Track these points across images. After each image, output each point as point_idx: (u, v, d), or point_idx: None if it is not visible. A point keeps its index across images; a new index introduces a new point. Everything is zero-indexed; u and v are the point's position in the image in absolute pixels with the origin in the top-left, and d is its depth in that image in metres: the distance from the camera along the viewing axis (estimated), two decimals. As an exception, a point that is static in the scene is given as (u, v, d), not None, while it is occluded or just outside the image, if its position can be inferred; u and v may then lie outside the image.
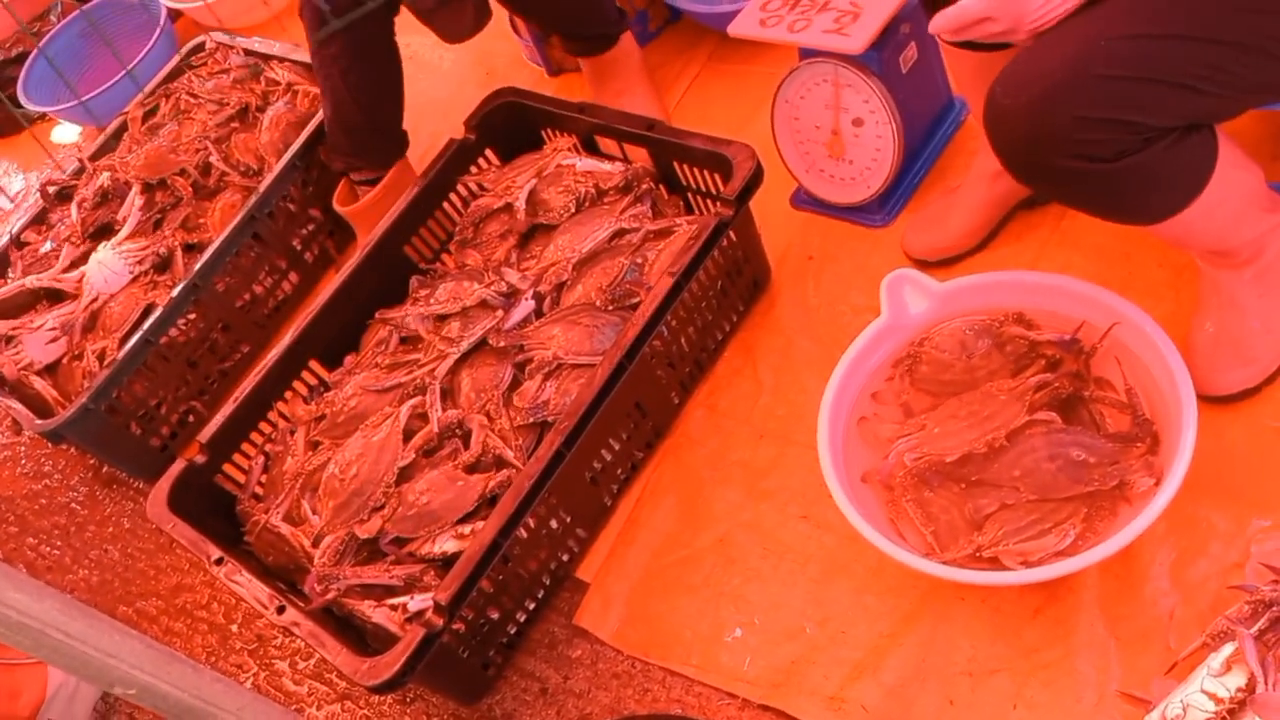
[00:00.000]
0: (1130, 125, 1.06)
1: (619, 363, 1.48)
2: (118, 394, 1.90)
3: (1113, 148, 1.07)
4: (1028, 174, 1.16)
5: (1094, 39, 1.05)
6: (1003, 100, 1.10)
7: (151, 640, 0.84)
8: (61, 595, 0.79)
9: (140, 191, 2.11)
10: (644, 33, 2.20)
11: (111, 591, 1.96)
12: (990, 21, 1.10)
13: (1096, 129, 1.06)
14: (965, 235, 1.61)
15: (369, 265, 1.81)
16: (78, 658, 0.77)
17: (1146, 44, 1.04)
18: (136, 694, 0.76)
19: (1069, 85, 1.05)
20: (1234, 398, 1.34)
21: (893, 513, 1.37)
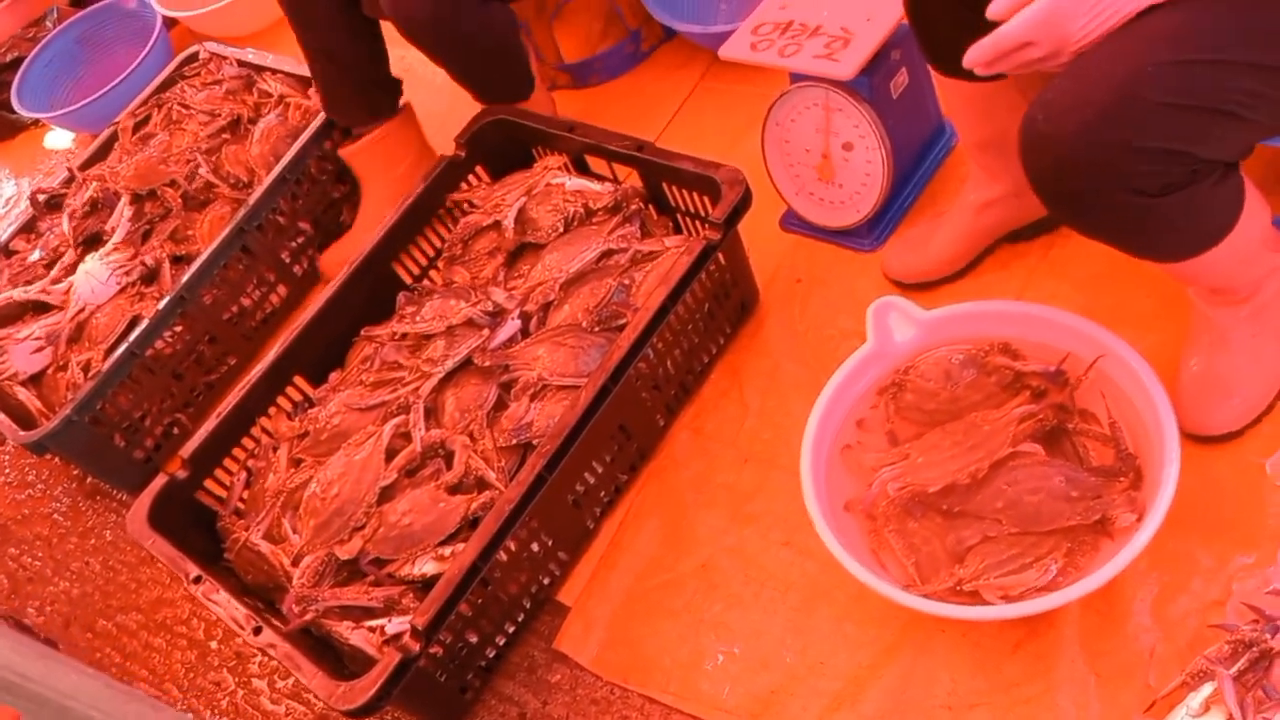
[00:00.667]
0: (1179, 156, 1.03)
1: (603, 385, 1.47)
2: (102, 406, 1.89)
3: (1159, 180, 1.05)
4: (1064, 203, 1.12)
5: (1142, 63, 1.00)
6: (1044, 126, 1.06)
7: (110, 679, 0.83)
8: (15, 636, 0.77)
9: (129, 202, 2.10)
10: (636, 52, 2.20)
11: (92, 605, 1.95)
12: (1031, 47, 1.04)
13: (1145, 159, 1.03)
14: (946, 261, 1.60)
15: (356, 280, 1.80)
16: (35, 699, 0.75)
17: (1197, 69, 1.00)
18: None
19: (1118, 112, 1.01)
20: (1220, 438, 1.32)
21: (875, 543, 1.36)
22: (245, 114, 2.18)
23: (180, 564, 1.53)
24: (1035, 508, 1.30)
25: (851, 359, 1.43)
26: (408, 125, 2.08)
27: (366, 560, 1.52)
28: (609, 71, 2.22)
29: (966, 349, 1.42)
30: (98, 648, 1.88)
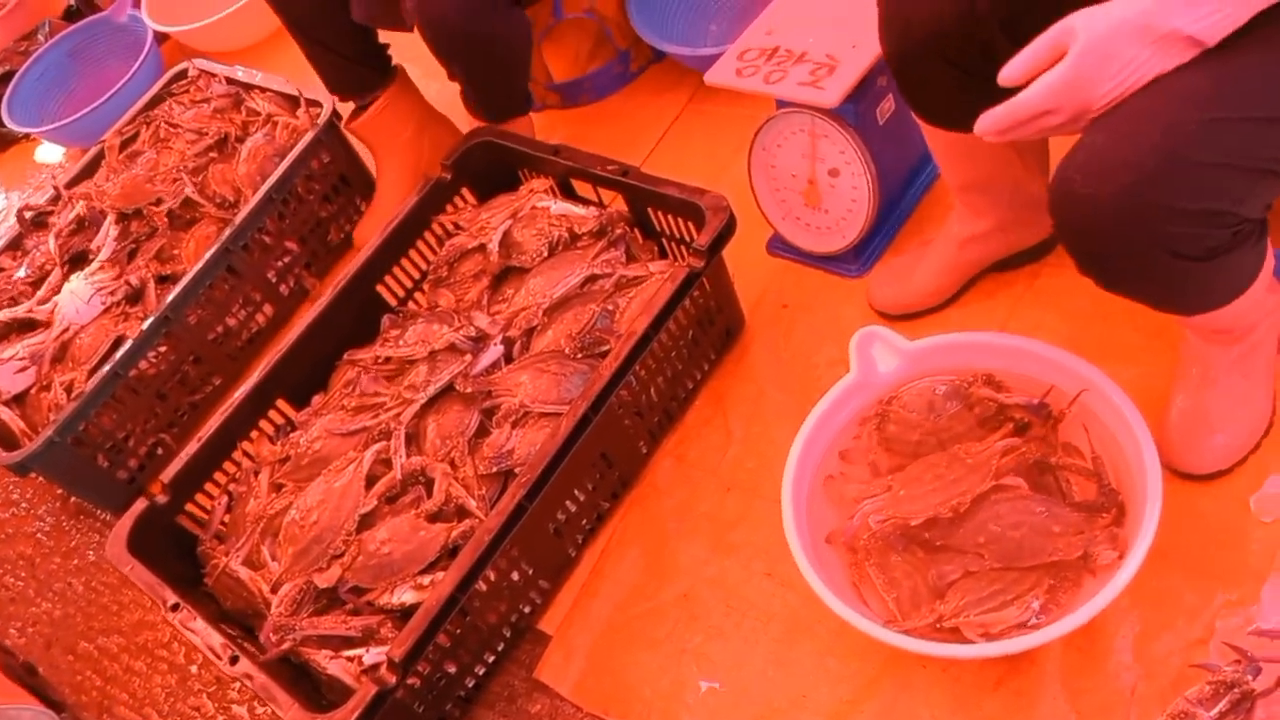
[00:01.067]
0: (1222, 216, 1.01)
1: (585, 414, 1.46)
2: (85, 427, 1.88)
3: (1202, 243, 1.02)
4: (1097, 264, 1.08)
5: (1180, 122, 0.95)
6: (1082, 189, 1.00)
7: None
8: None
9: (115, 221, 2.09)
10: (625, 73, 2.19)
11: (74, 626, 1.93)
12: (1050, 115, 0.99)
13: (1187, 221, 0.99)
14: (930, 293, 1.60)
15: (340, 303, 1.79)
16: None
17: (1237, 126, 0.97)
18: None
19: (1162, 174, 0.96)
20: (1206, 477, 1.31)
21: (855, 576, 1.34)
22: (233, 132, 2.17)
23: (158, 591, 1.52)
24: (1017, 543, 1.29)
25: (835, 389, 1.42)
26: (405, 92, 2.10)
27: (345, 589, 1.51)
28: (598, 91, 2.21)
29: (950, 380, 1.41)
30: (78, 670, 1.87)
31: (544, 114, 2.24)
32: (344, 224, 2.21)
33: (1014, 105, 1.00)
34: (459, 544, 1.48)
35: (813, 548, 1.33)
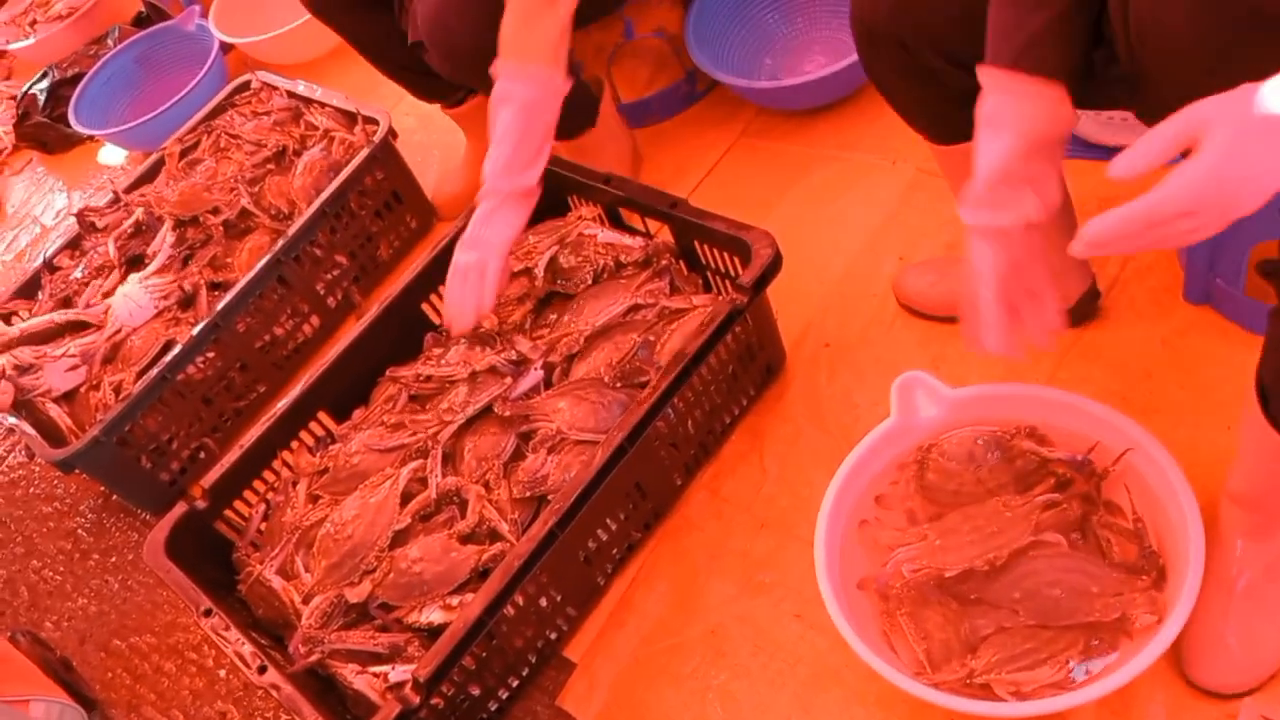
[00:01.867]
0: None
1: (620, 444, 1.46)
2: (130, 428, 1.92)
3: None
4: None
5: None
6: None
7: None
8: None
9: (172, 228, 2.13)
10: (692, 93, 2.20)
11: (108, 623, 1.96)
12: (1187, 219, 0.84)
13: None
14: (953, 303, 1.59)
15: (385, 319, 1.81)
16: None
17: None
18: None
19: None
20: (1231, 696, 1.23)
21: (886, 624, 1.33)
22: (291, 145, 2.21)
23: (193, 596, 1.54)
24: (1055, 601, 1.27)
25: (874, 433, 1.41)
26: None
27: (375, 604, 1.52)
28: (665, 111, 2.22)
29: (992, 430, 1.40)
30: (109, 667, 1.89)
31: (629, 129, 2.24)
32: (393, 240, 2.23)
33: (1149, 207, 0.84)
34: (489, 567, 1.48)
35: (844, 592, 1.32)
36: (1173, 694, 1.24)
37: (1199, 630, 1.24)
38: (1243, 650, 1.22)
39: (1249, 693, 1.22)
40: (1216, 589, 1.24)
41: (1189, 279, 1.51)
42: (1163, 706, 1.24)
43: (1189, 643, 1.24)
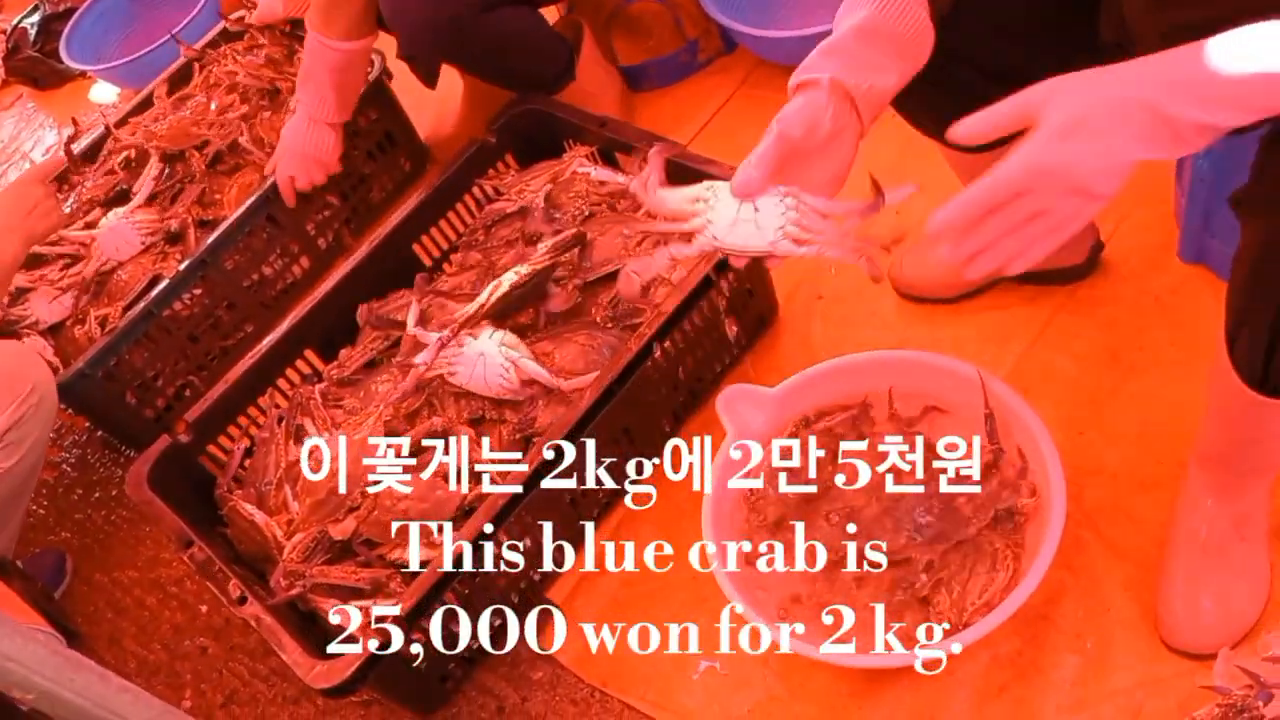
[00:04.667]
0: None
1: (609, 386, 1.46)
2: (116, 362, 1.90)
3: None
4: None
5: None
6: None
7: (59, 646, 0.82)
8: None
9: (159, 161, 2.11)
10: (692, 63, 2.16)
11: (91, 556, 1.96)
12: (1026, 198, 0.85)
13: None
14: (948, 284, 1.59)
15: (376, 258, 1.80)
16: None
17: None
18: (35, 699, 0.74)
19: None
20: None
21: None
22: (284, 84, 2.18)
23: (174, 527, 1.53)
24: (937, 531, 1.30)
25: (720, 453, 1.41)
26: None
27: (358, 541, 1.52)
28: (662, 79, 2.19)
29: (784, 445, 1.41)
30: (91, 600, 1.89)
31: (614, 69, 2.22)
32: (386, 183, 2.21)
33: (975, 192, 0.86)
34: (474, 506, 1.48)
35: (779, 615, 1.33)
36: (1149, 656, 1.25)
37: (1172, 592, 1.24)
38: (1216, 610, 1.22)
39: None
40: (1188, 550, 1.24)
41: (1184, 237, 1.51)
42: (1139, 669, 1.24)
43: (1163, 605, 1.25)
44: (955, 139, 0.90)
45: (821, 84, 1.02)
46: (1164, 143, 0.82)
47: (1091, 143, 0.82)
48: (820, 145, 1.04)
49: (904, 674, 1.31)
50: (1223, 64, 0.80)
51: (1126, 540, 1.33)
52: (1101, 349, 1.49)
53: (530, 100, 1.85)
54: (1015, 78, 1.12)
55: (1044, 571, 1.18)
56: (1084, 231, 1.52)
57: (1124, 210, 1.60)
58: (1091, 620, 1.29)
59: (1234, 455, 1.18)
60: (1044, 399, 1.46)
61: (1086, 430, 1.44)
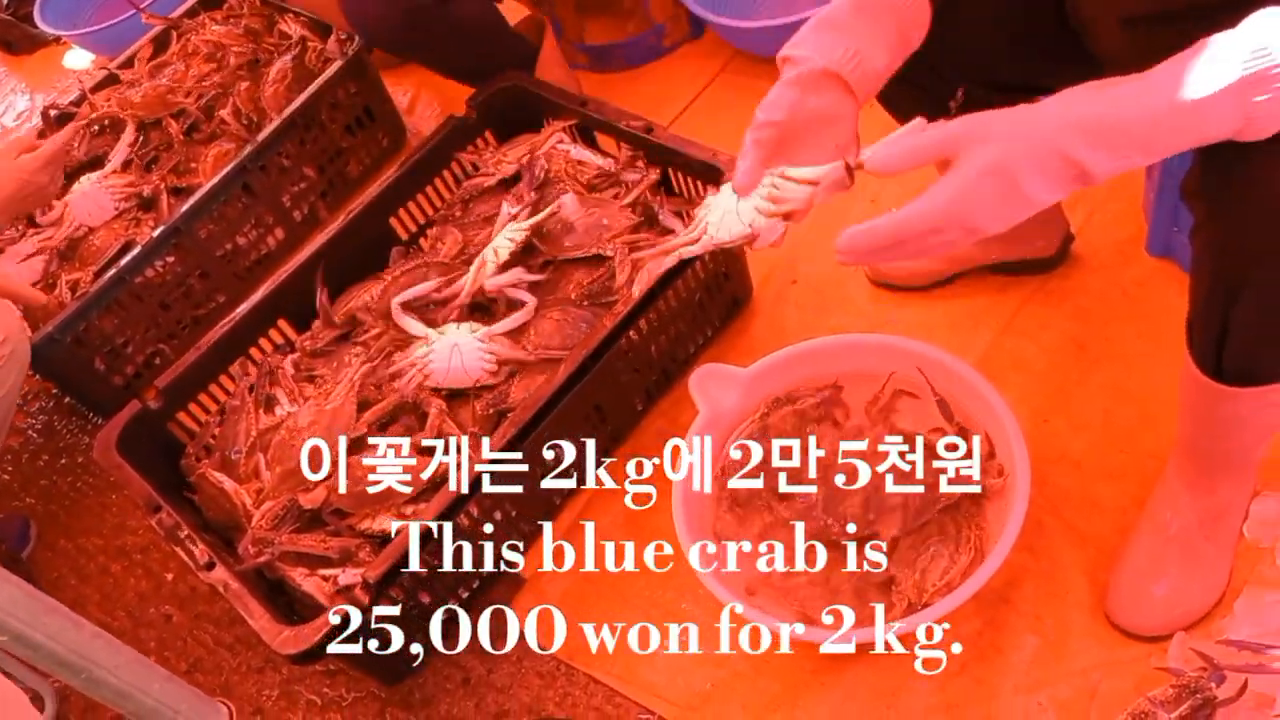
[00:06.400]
0: None
1: (583, 362, 1.46)
2: (85, 327, 1.88)
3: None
4: None
5: None
6: None
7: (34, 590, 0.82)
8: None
9: (135, 128, 2.09)
10: (657, 47, 2.18)
11: (56, 522, 1.94)
12: (933, 234, 0.88)
13: None
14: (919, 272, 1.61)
15: (353, 230, 1.79)
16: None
17: None
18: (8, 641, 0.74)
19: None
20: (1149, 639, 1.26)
21: (806, 616, 1.33)
22: (262, 54, 2.16)
23: (142, 492, 1.53)
24: (903, 506, 1.32)
25: (691, 432, 1.42)
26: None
27: (328, 510, 1.52)
28: (628, 61, 2.20)
29: (750, 424, 1.45)
30: (55, 567, 1.88)
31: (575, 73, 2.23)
32: (364, 157, 2.21)
33: (883, 226, 0.88)
34: (445, 478, 1.48)
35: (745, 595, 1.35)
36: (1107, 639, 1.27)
37: (1128, 575, 1.26)
38: (1169, 599, 1.24)
39: (1168, 637, 1.23)
40: (1151, 537, 1.26)
41: (1152, 231, 1.53)
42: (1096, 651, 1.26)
43: (1115, 586, 1.27)
44: (871, 168, 0.93)
45: (806, 67, 1.02)
46: (1073, 185, 0.86)
47: (1005, 192, 0.85)
48: (811, 125, 1.04)
49: (862, 658, 1.33)
50: (1138, 106, 0.82)
51: (1088, 526, 1.36)
52: (1069, 339, 1.52)
53: (511, 77, 1.85)
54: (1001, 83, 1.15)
55: (1006, 554, 1.20)
56: (1056, 224, 1.55)
57: (1095, 203, 1.62)
58: (1051, 603, 1.31)
59: (1206, 448, 1.21)
60: (1011, 387, 1.49)
61: (1052, 418, 1.46)
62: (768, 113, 1.02)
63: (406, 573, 1.38)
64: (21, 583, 0.82)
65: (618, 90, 2.15)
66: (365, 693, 1.53)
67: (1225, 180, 0.90)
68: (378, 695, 1.53)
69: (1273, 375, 1.04)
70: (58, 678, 0.81)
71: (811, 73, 1.01)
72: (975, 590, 1.20)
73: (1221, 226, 0.94)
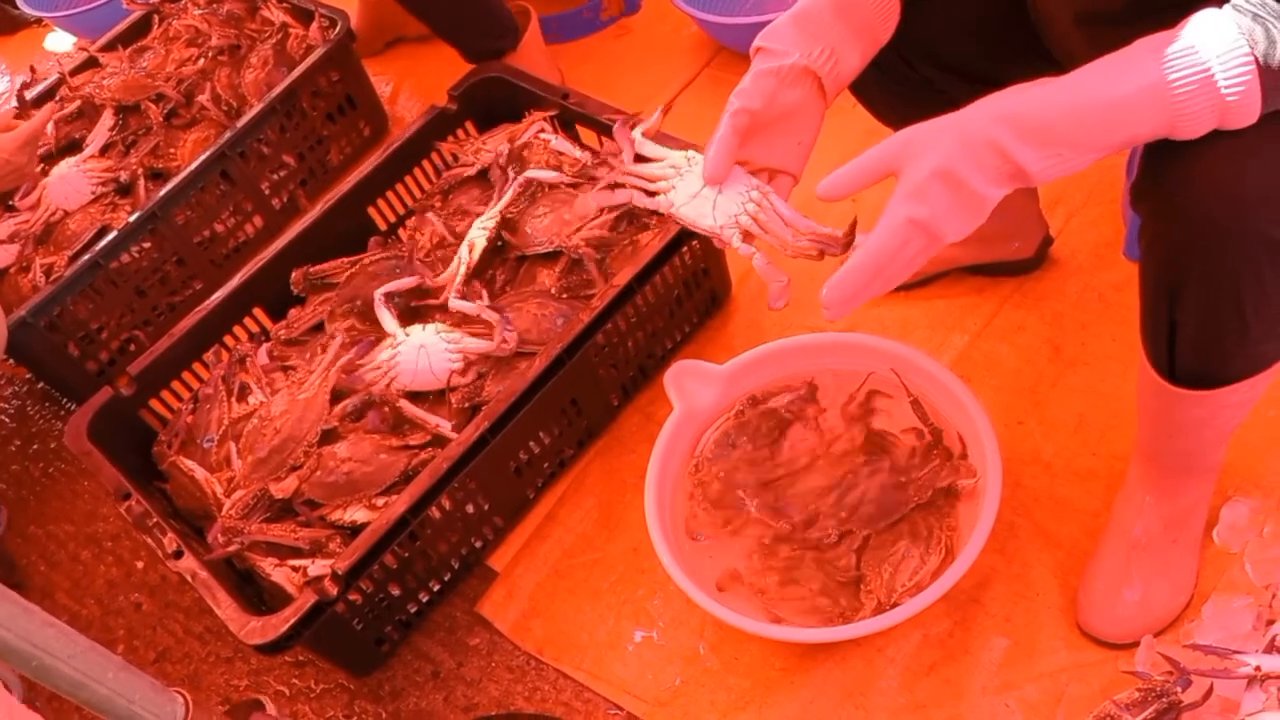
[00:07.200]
0: None
1: (559, 355, 1.46)
2: (59, 312, 1.87)
3: None
4: None
5: None
6: None
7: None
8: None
9: (113, 113, 2.07)
10: (594, 20, 2.21)
11: (27, 508, 1.93)
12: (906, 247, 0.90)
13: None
14: None
15: (331, 218, 1.78)
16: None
17: None
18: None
19: None
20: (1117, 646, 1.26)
21: (769, 611, 1.33)
22: (244, 39, 2.15)
23: (113, 480, 1.51)
24: (877, 506, 1.33)
25: (666, 427, 1.43)
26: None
27: (300, 501, 1.51)
28: (564, 34, 2.23)
29: (725, 421, 1.45)
30: (25, 553, 1.86)
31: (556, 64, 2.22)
32: (344, 146, 2.19)
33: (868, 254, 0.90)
34: (417, 471, 1.47)
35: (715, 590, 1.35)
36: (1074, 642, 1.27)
37: (1097, 582, 1.27)
38: (1137, 605, 1.25)
39: (1136, 644, 1.22)
40: (1118, 543, 1.26)
41: (1130, 235, 1.53)
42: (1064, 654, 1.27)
43: (1085, 593, 1.27)
44: (822, 195, 0.94)
45: (787, 62, 1.01)
46: (1012, 180, 0.87)
47: (953, 191, 0.87)
48: (781, 118, 1.04)
49: (835, 651, 1.33)
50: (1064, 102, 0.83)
51: (1059, 529, 1.36)
52: (1045, 341, 1.52)
53: (492, 68, 1.84)
54: (971, 72, 1.14)
55: (976, 555, 1.20)
56: (1034, 226, 1.55)
57: (1074, 207, 1.62)
58: (1020, 605, 1.31)
59: (1164, 450, 1.21)
60: (985, 387, 1.49)
61: (1025, 420, 1.46)
62: (745, 100, 1.02)
63: (377, 564, 1.37)
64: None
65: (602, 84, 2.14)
66: (334, 684, 1.53)
67: (1161, 180, 0.90)
68: (346, 687, 1.52)
69: (1223, 378, 1.04)
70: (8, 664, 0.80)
71: (793, 68, 1.01)
72: (945, 591, 1.20)
73: (1159, 226, 0.95)
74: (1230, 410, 1.09)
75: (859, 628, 1.22)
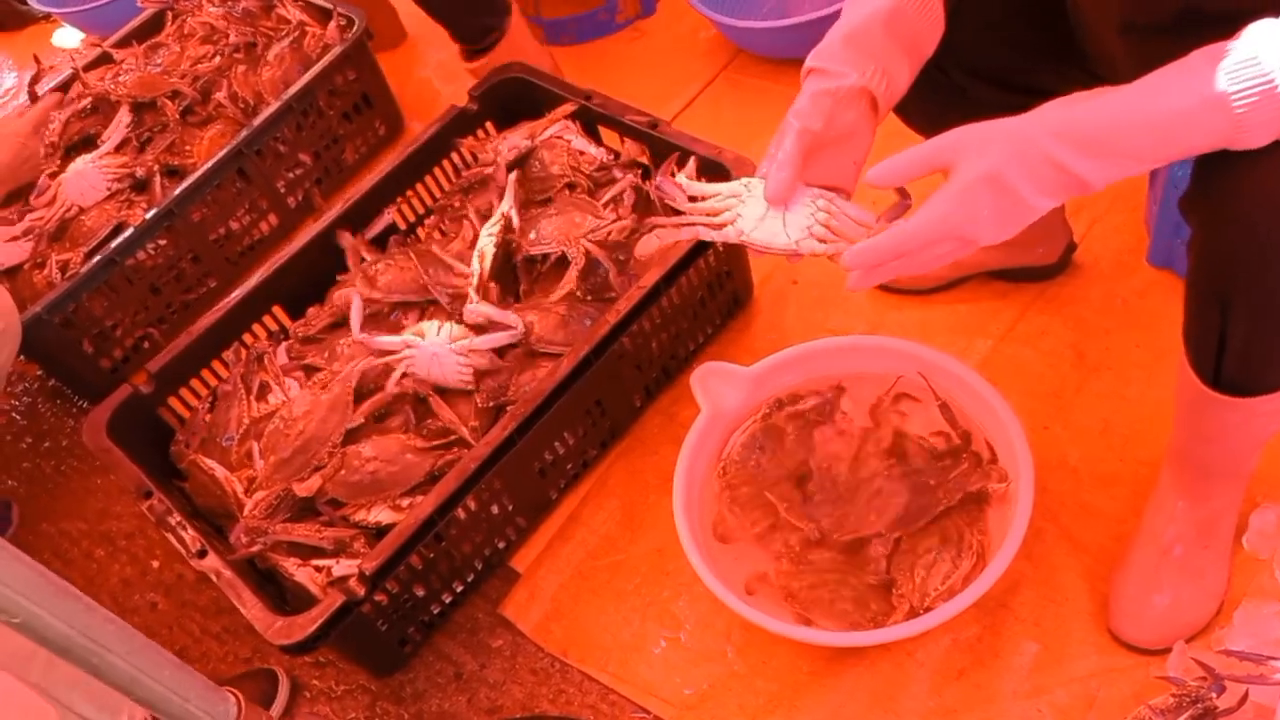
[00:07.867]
0: None
1: (585, 357, 1.45)
2: (74, 309, 1.86)
3: None
4: None
5: None
6: None
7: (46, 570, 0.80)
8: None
9: (130, 110, 2.06)
10: (610, 22, 2.20)
11: (39, 505, 1.91)
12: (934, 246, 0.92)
13: None
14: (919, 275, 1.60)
15: (350, 218, 1.77)
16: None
17: None
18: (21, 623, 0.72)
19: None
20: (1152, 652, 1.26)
21: (798, 614, 1.33)
22: (260, 38, 2.14)
23: (133, 477, 1.50)
24: (905, 508, 1.33)
25: (694, 429, 1.43)
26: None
27: (323, 500, 1.50)
28: (580, 35, 2.23)
29: (752, 423, 1.46)
30: (37, 550, 1.84)
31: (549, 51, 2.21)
32: (360, 145, 2.19)
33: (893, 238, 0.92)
34: (444, 472, 1.47)
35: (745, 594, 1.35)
36: (1105, 647, 1.27)
37: (1128, 587, 1.26)
38: (1169, 611, 1.25)
39: (1166, 650, 1.23)
40: (1150, 548, 1.26)
41: (1154, 242, 1.54)
42: (1094, 659, 1.27)
43: (1116, 598, 1.27)
44: (872, 183, 0.96)
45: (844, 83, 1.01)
46: (1070, 192, 0.88)
47: (1001, 200, 0.88)
48: (837, 138, 1.04)
49: (864, 655, 1.33)
50: (1126, 115, 0.84)
51: (1086, 534, 1.36)
52: (1069, 347, 1.52)
53: (513, 69, 1.84)
54: (1003, 79, 1.15)
55: (1010, 561, 1.20)
56: (1058, 232, 1.55)
57: (1097, 213, 1.63)
58: (1049, 610, 1.31)
59: (1200, 455, 1.21)
60: (1009, 392, 1.47)
61: (1051, 425, 1.46)
62: (806, 120, 1.02)
63: (403, 565, 1.37)
64: (33, 563, 0.80)
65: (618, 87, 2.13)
66: (355, 685, 1.52)
67: (1213, 190, 0.91)
68: (368, 688, 1.51)
69: (1266, 386, 1.04)
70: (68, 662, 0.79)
71: (851, 89, 1.01)
72: (977, 596, 1.20)
73: (1209, 236, 0.95)
74: (1268, 418, 1.09)
75: (892, 632, 1.22)
